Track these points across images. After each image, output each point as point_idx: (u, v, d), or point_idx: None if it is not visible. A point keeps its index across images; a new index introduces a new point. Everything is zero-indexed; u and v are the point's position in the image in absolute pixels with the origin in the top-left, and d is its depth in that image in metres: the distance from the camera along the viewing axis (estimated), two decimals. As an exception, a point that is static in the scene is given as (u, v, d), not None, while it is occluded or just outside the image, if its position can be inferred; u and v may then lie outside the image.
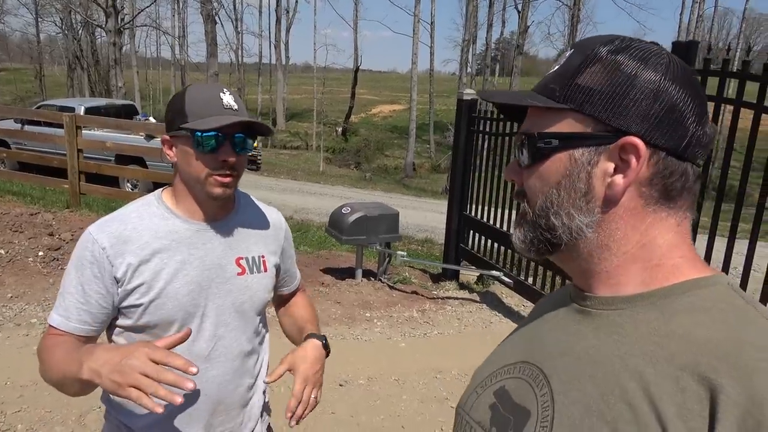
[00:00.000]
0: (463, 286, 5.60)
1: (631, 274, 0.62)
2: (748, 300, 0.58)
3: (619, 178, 0.59)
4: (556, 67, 0.64)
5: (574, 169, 0.61)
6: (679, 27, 25.76)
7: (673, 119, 0.58)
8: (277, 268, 1.40)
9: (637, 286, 0.61)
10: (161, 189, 1.30)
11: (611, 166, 0.60)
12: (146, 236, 1.20)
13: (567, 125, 0.61)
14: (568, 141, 0.61)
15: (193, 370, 0.95)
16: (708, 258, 3.42)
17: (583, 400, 0.58)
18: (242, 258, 1.30)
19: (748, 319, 0.55)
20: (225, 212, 1.30)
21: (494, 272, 5.14)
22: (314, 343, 1.34)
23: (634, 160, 0.58)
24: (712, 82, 3.39)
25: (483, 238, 5.43)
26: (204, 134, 1.14)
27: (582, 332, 0.63)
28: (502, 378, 0.70)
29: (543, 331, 0.70)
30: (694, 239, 3.58)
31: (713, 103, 3.37)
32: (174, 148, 1.22)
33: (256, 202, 1.42)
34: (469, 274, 5.80)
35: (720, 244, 3.47)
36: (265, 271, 1.34)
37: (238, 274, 1.28)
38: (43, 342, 1.21)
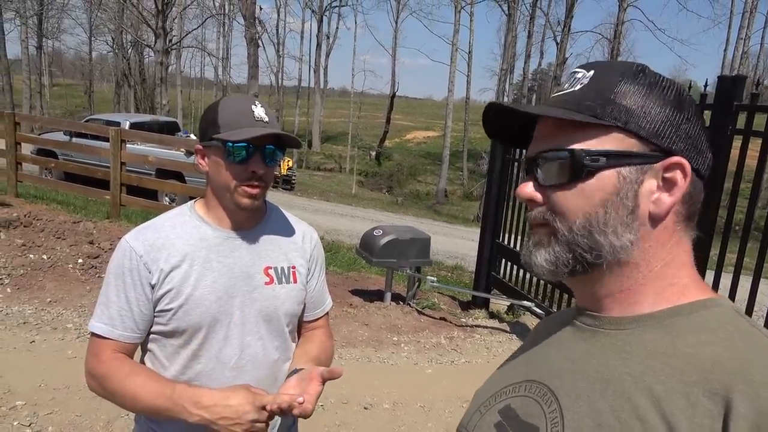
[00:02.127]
0: (493, 315, 5.51)
1: (649, 292, 0.63)
2: (752, 322, 0.60)
3: (665, 196, 0.61)
4: (578, 86, 0.64)
5: (623, 187, 0.61)
6: (723, 63, 25.32)
7: (701, 143, 0.63)
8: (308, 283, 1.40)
9: (650, 305, 0.63)
10: (195, 200, 1.33)
11: (654, 184, 0.61)
12: (178, 244, 1.23)
13: (612, 142, 0.61)
14: (617, 159, 0.61)
15: (300, 400, 1.11)
16: (752, 302, 3.30)
17: (593, 415, 0.58)
18: (271, 267, 1.31)
19: (754, 339, 0.57)
20: (255, 222, 1.32)
21: (525, 302, 5.05)
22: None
23: (681, 179, 0.61)
24: (759, 119, 3.31)
25: (515, 267, 5.36)
26: (235, 145, 1.17)
27: (590, 351, 0.64)
28: (507, 397, 0.70)
29: (548, 351, 0.71)
30: (720, 273, 3.50)
31: (761, 139, 3.28)
32: (206, 158, 1.25)
33: (289, 215, 1.43)
34: (500, 303, 5.71)
35: (765, 287, 3.34)
36: (295, 282, 1.34)
37: (266, 283, 1.29)
38: (100, 366, 1.21)
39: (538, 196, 0.65)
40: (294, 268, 1.35)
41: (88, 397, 3.12)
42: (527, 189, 0.66)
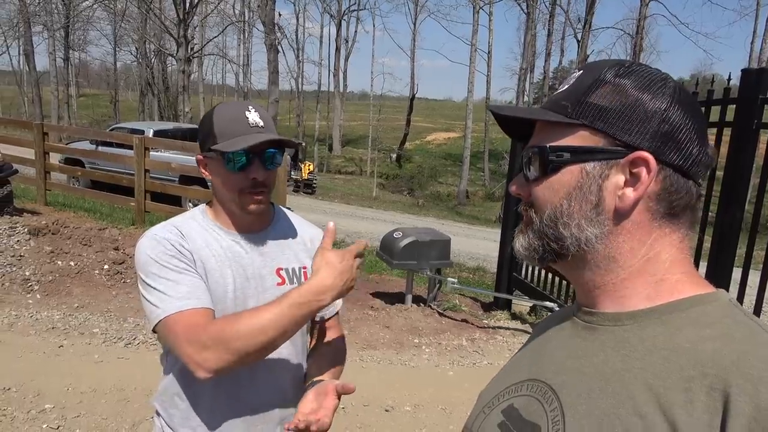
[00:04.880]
0: (515, 317, 5.46)
1: (636, 288, 0.64)
2: (750, 315, 0.60)
3: (629, 191, 0.62)
4: (566, 86, 0.67)
5: (586, 181, 0.64)
6: (750, 56, 24.72)
7: (679, 139, 0.62)
8: None
9: (641, 300, 0.64)
10: (205, 204, 1.35)
11: (621, 179, 0.63)
12: (194, 243, 1.25)
13: (579, 139, 0.65)
14: (580, 154, 0.64)
15: (314, 419, 1.10)
16: (761, 293, 3.21)
17: (594, 413, 0.59)
18: (282, 269, 1.32)
19: (752, 333, 0.57)
20: (263, 224, 1.33)
21: (548, 303, 4.99)
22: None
23: (645, 174, 0.61)
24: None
25: (537, 268, 5.30)
26: (232, 155, 1.18)
27: (589, 348, 0.65)
28: (509, 397, 0.71)
29: (548, 349, 0.72)
30: (731, 268, 3.41)
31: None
32: (208, 168, 1.27)
33: (296, 217, 1.45)
34: (522, 304, 5.65)
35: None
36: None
37: (278, 284, 1.31)
38: (209, 330, 1.10)
39: (524, 192, 0.70)
40: (305, 268, 1.36)
41: (113, 400, 3.18)
42: (516, 184, 0.72)
